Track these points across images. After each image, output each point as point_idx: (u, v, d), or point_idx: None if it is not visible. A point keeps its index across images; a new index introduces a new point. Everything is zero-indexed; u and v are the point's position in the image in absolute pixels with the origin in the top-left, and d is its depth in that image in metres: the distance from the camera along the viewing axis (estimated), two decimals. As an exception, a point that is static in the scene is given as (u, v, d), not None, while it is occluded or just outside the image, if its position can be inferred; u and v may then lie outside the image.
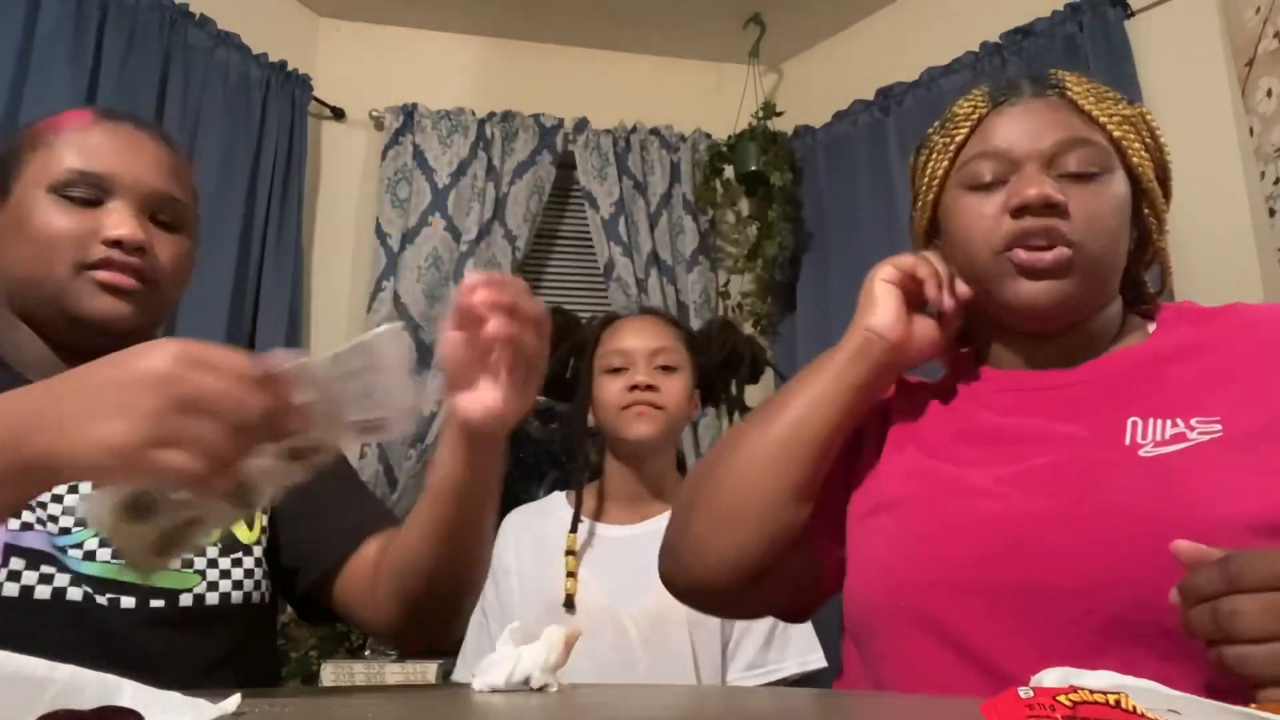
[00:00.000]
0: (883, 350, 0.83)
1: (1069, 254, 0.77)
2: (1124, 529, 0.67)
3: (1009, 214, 0.78)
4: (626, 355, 1.47)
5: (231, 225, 2.26)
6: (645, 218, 2.71)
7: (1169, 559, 0.57)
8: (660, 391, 1.43)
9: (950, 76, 2.44)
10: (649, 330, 1.50)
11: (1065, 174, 0.78)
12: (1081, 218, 0.77)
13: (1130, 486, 0.69)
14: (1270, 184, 1.91)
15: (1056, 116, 0.80)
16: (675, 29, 2.80)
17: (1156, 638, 0.63)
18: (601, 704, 0.61)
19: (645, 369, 1.44)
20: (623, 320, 1.53)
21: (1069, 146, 0.78)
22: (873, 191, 2.59)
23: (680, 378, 1.46)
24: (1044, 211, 0.77)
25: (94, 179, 0.86)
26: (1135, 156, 0.81)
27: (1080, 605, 0.67)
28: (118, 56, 2.08)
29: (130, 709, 0.41)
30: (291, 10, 2.67)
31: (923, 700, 0.65)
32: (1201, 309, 0.84)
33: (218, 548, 0.87)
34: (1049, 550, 0.69)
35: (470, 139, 2.64)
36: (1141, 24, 2.15)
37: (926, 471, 0.80)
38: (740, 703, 0.58)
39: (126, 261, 0.85)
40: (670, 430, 1.45)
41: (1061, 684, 0.44)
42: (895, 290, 0.85)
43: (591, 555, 1.43)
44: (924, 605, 0.73)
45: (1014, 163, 0.79)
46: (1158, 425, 0.72)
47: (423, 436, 2.45)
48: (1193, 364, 0.77)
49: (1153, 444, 0.72)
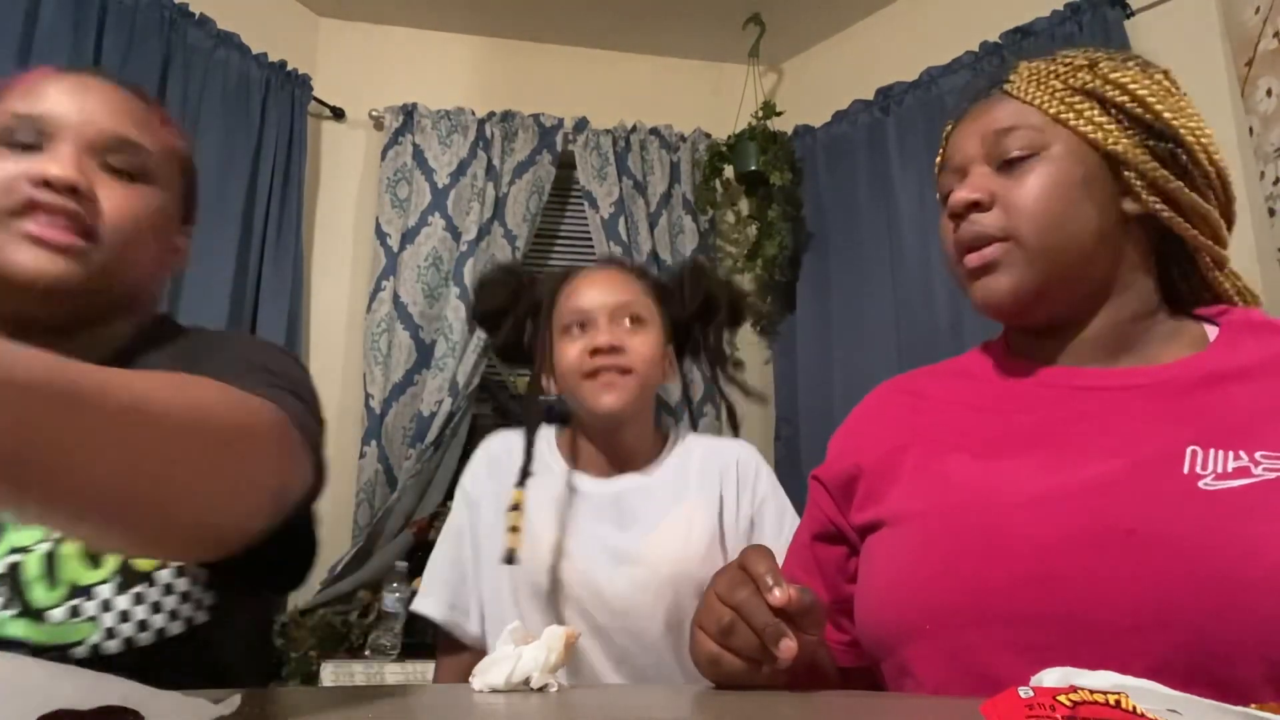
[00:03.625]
0: None
1: (1004, 247, 0.75)
2: (1181, 565, 0.61)
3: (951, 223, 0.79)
4: (585, 314, 1.27)
5: (231, 225, 2.26)
6: (645, 218, 2.71)
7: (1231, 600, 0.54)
8: (626, 352, 1.25)
9: (950, 76, 2.44)
10: (610, 283, 1.30)
11: (1000, 166, 0.77)
12: (1009, 207, 0.75)
13: (1190, 520, 0.63)
14: (1270, 184, 1.91)
15: (991, 114, 0.79)
16: (675, 29, 2.81)
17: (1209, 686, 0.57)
18: (601, 704, 0.61)
19: (608, 328, 1.26)
20: (581, 274, 1.33)
21: (995, 139, 0.77)
22: (872, 191, 2.59)
23: (650, 332, 1.28)
24: (965, 214, 0.77)
25: (33, 120, 0.76)
26: (1086, 124, 0.75)
27: (1128, 644, 0.61)
28: (118, 56, 2.08)
29: (130, 709, 0.41)
30: (291, 10, 2.67)
31: (923, 700, 0.65)
32: (1268, 321, 0.77)
33: (112, 585, 0.73)
34: (1092, 580, 0.63)
35: (470, 139, 2.64)
36: (1141, 24, 2.16)
37: (952, 477, 0.74)
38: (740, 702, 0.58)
39: (57, 205, 0.73)
40: (643, 395, 1.27)
41: (1062, 684, 0.44)
42: None
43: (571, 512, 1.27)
44: (947, 633, 0.68)
45: (961, 171, 0.80)
46: (1219, 456, 0.66)
47: (423, 436, 2.45)
48: (1257, 385, 0.70)
49: (1213, 476, 0.65)
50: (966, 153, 0.79)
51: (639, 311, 1.28)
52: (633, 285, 1.30)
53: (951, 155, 0.81)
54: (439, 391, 2.48)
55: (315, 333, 2.57)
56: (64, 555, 0.71)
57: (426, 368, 2.51)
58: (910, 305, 2.45)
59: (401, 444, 2.46)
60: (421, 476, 2.46)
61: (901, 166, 2.53)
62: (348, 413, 2.52)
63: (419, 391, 2.50)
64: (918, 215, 2.47)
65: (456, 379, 2.49)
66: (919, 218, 2.47)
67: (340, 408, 2.54)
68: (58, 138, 0.76)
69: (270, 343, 0.89)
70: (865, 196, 2.61)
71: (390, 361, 2.50)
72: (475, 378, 2.53)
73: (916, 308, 2.43)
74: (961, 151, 0.80)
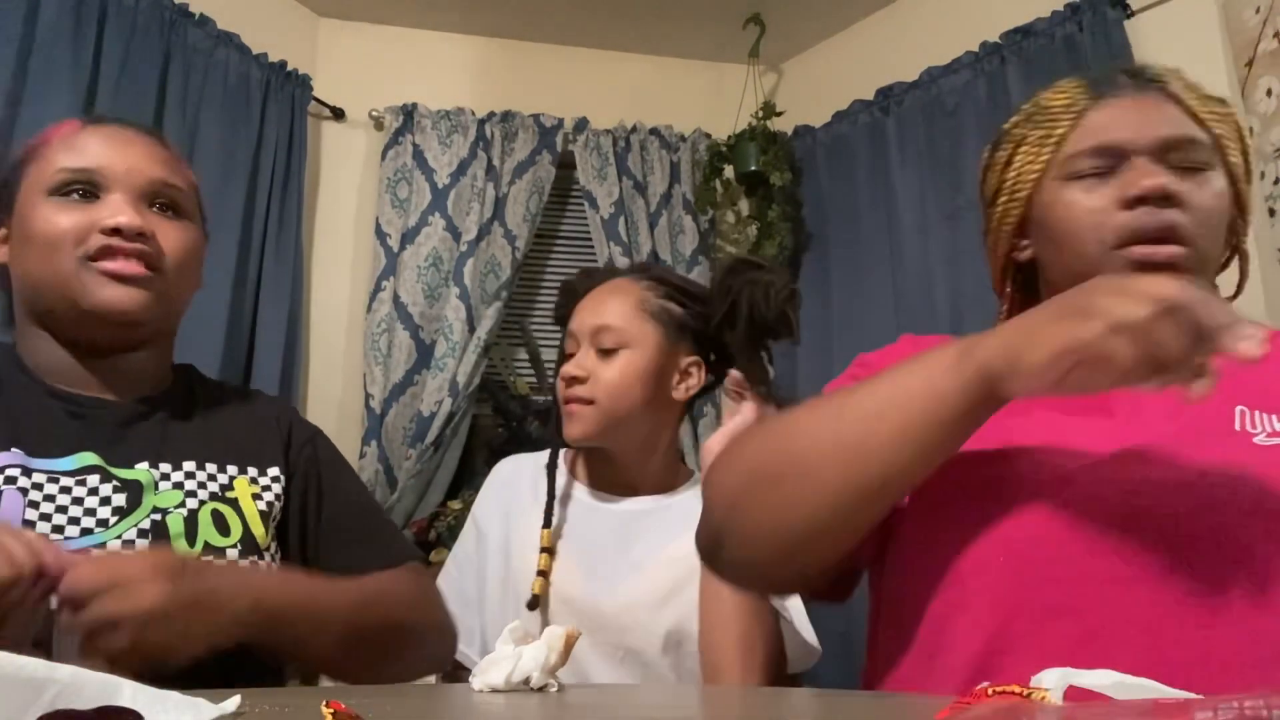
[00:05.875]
0: None
1: (1183, 252, 0.75)
2: (1252, 508, 0.66)
3: (1122, 207, 0.76)
4: (574, 338, 1.25)
5: (231, 225, 2.26)
6: (645, 218, 2.71)
7: None
8: (588, 383, 1.20)
9: (950, 76, 2.44)
10: (594, 303, 1.25)
11: (1175, 168, 0.77)
12: (1195, 211, 0.76)
13: (1253, 466, 0.67)
14: (1270, 184, 1.91)
15: (1164, 111, 0.79)
16: (675, 29, 2.80)
17: None
18: (601, 704, 0.61)
19: (581, 354, 1.23)
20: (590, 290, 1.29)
21: (1178, 143, 0.77)
22: (872, 191, 2.59)
23: (625, 358, 1.21)
24: (1160, 204, 0.75)
25: (86, 174, 0.88)
26: (1233, 155, 0.80)
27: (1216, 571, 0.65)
28: (118, 56, 2.08)
29: (130, 709, 0.41)
30: (291, 10, 2.67)
31: (924, 700, 0.65)
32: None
33: (236, 551, 0.87)
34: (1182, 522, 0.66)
35: (470, 139, 2.64)
36: (1141, 24, 2.15)
37: (1015, 433, 0.73)
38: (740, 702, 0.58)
39: (129, 248, 0.86)
40: (612, 425, 1.21)
41: (1061, 683, 0.44)
42: None
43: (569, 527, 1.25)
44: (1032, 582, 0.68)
45: (1124, 155, 0.78)
46: (1265, 418, 0.70)
47: (423, 436, 2.45)
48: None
49: (1266, 434, 0.69)
50: (1135, 140, 0.77)
51: (615, 337, 1.21)
52: (618, 305, 1.24)
53: (1107, 134, 0.79)
54: (439, 391, 2.48)
55: (315, 333, 2.57)
56: (202, 520, 0.86)
57: (426, 368, 2.51)
58: (910, 305, 2.45)
59: (401, 444, 2.46)
60: (421, 476, 2.46)
61: (901, 166, 2.52)
62: (348, 413, 2.52)
63: (419, 391, 2.50)
64: (918, 215, 2.47)
65: (456, 379, 2.49)
66: (919, 218, 2.46)
67: (340, 408, 2.54)
68: (110, 188, 0.88)
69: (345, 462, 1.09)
70: (865, 196, 2.60)
71: (390, 361, 2.50)
72: (475, 378, 2.53)
73: (916, 308, 2.43)
74: (1129, 137, 0.78)
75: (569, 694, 0.64)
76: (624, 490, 1.29)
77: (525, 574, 1.22)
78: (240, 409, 1.01)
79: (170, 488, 0.87)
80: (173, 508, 0.86)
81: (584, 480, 1.31)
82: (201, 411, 0.97)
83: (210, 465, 0.91)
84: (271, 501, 0.94)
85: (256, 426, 0.99)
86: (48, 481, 0.82)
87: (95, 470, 0.85)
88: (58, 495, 0.82)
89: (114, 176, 0.89)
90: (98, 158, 0.89)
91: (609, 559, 1.23)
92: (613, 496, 1.28)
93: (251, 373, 2.29)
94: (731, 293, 1.19)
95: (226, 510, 0.88)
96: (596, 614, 1.20)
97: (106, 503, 0.83)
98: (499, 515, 1.30)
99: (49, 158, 0.89)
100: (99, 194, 0.88)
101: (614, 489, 1.29)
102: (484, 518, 1.32)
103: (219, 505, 0.88)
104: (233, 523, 0.88)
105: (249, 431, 0.98)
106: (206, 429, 0.95)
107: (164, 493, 0.87)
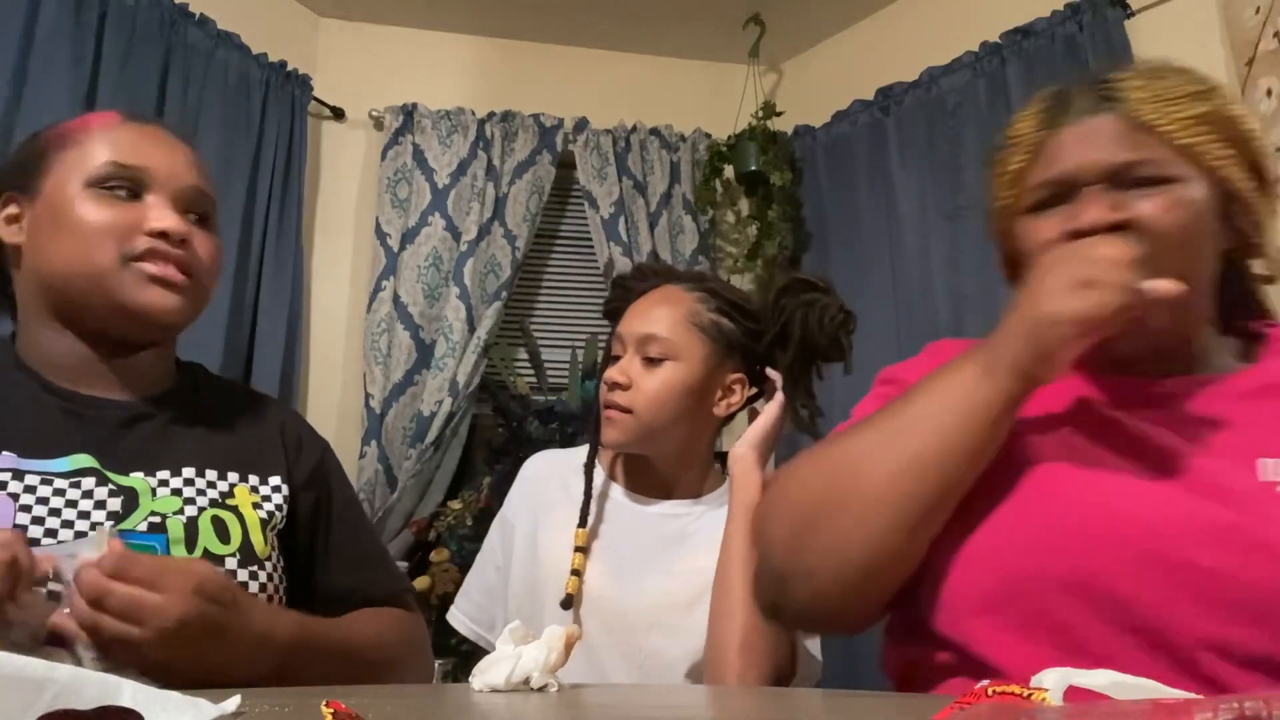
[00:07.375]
0: None
1: None
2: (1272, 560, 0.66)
3: (1069, 239, 0.76)
4: (621, 341, 1.23)
5: (231, 225, 2.26)
6: (645, 218, 2.71)
7: None
8: (630, 391, 1.19)
9: (950, 76, 2.44)
10: (642, 310, 1.24)
11: (1132, 187, 0.75)
12: (1150, 228, 0.74)
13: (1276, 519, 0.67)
14: (1270, 184, 1.91)
15: (1116, 136, 0.77)
16: (675, 29, 2.81)
17: None
18: (601, 704, 0.61)
19: (627, 360, 1.21)
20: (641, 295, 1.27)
21: (1127, 167, 0.76)
22: (872, 191, 2.59)
23: (669, 370, 1.19)
24: (1110, 232, 0.74)
25: (132, 172, 0.87)
26: (1211, 159, 0.77)
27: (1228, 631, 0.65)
28: (118, 56, 2.08)
29: (130, 709, 0.41)
30: (291, 10, 2.67)
31: (922, 700, 0.65)
32: None
33: (234, 559, 0.86)
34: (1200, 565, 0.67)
35: (470, 139, 2.64)
36: (1141, 24, 2.15)
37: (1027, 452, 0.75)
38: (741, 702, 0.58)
39: (171, 253, 0.87)
40: (648, 435, 1.21)
41: (1061, 683, 0.44)
42: None
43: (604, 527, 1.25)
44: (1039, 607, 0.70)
45: (1074, 185, 0.77)
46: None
47: (423, 436, 2.45)
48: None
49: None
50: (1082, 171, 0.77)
51: (665, 347, 1.20)
52: (668, 315, 1.22)
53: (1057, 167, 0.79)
54: (439, 391, 2.48)
55: (315, 333, 2.57)
56: (202, 527, 0.85)
57: (426, 368, 2.51)
58: (910, 305, 2.45)
59: (401, 444, 2.46)
60: (421, 476, 2.46)
61: (901, 166, 2.52)
62: (348, 413, 2.52)
63: (419, 391, 2.50)
64: (918, 215, 2.47)
65: (456, 379, 2.49)
66: (919, 218, 2.46)
67: (340, 408, 2.54)
68: (153, 190, 0.88)
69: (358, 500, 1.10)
70: (865, 196, 2.60)
71: (390, 361, 2.50)
72: (475, 378, 2.53)
73: (916, 308, 2.43)
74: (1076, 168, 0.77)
75: (569, 694, 0.64)
76: (661, 493, 1.28)
77: (552, 570, 1.22)
78: (245, 414, 0.99)
79: (168, 494, 0.86)
80: (171, 513, 0.85)
81: (622, 481, 1.30)
82: (205, 415, 0.95)
83: (210, 472, 0.90)
84: (272, 511, 0.92)
85: (261, 434, 0.97)
86: (40, 484, 0.81)
87: (90, 473, 0.83)
88: (51, 497, 0.81)
89: (158, 179, 0.88)
90: (147, 157, 0.88)
91: (640, 560, 1.23)
92: (649, 499, 1.28)
93: (251, 372, 2.29)
94: (785, 313, 1.20)
95: (228, 517, 0.87)
96: (622, 614, 1.19)
97: (101, 506, 0.82)
98: (527, 509, 1.30)
99: (90, 147, 0.88)
100: (141, 194, 0.87)
101: (651, 491, 1.29)
102: (513, 511, 1.33)
103: (220, 511, 0.87)
104: (233, 530, 0.87)
105: (252, 438, 0.96)
106: (208, 434, 0.93)
107: (161, 499, 0.85)
